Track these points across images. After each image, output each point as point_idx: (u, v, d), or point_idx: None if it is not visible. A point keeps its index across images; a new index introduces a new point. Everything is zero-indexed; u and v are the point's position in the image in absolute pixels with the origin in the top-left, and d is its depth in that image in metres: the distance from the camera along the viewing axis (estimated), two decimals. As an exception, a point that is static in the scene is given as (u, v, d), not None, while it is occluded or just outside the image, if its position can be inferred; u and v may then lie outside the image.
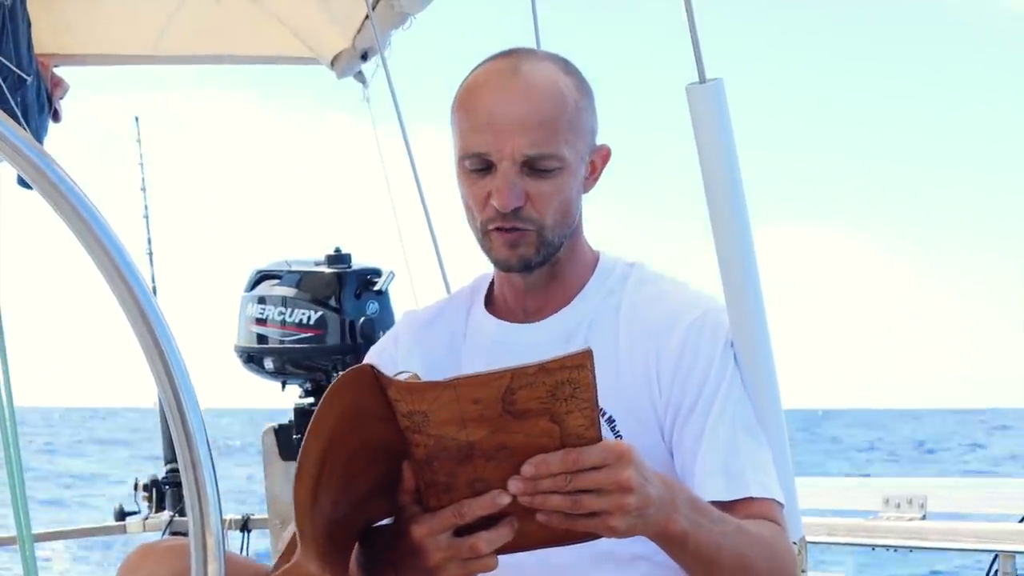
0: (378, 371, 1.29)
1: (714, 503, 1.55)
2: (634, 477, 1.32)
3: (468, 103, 1.66)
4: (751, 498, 1.61)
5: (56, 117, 3.36)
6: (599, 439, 1.31)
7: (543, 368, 1.25)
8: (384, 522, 1.45)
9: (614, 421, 1.66)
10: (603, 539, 1.40)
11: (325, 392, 1.29)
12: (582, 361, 1.26)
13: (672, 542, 1.45)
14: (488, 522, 1.34)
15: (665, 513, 1.39)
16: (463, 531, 1.35)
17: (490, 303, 1.82)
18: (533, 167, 1.63)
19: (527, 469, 1.30)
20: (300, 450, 1.29)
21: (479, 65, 1.71)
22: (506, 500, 1.32)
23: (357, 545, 1.46)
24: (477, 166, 1.64)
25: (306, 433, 1.29)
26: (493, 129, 1.62)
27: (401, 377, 1.30)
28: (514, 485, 1.31)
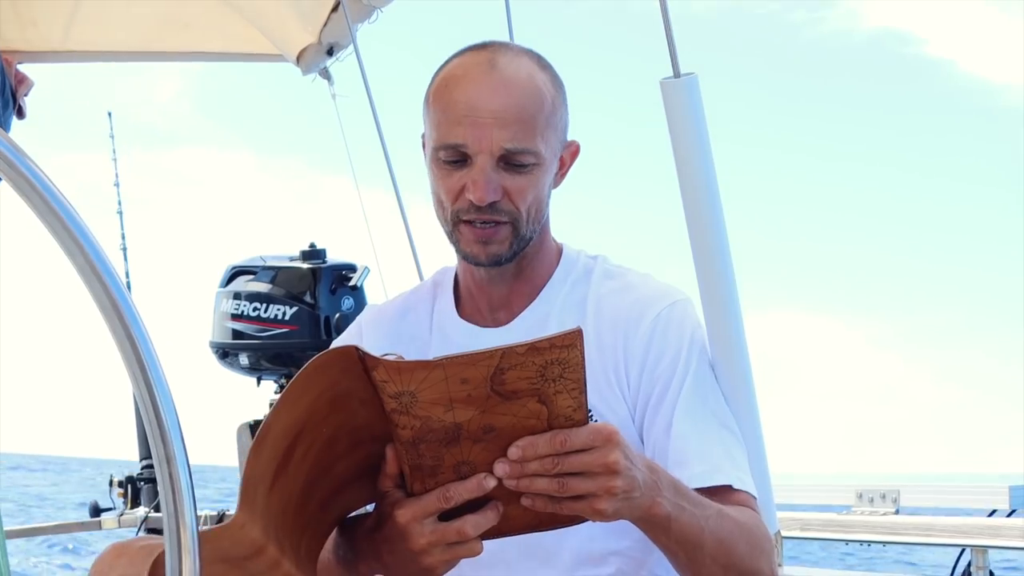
0: (363, 352, 1.27)
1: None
2: (621, 460, 1.32)
3: (445, 95, 1.64)
4: (728, 488, 1.61)
5: (20, 114, 3.33)
6: (586, 422, 1.30)
7: (533, 347, 1.24)
8: (362, 510, 1.43)
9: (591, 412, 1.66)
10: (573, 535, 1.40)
11: (302, 368, 1.26)
12: (572, 340, 1.25)
13: (656, 526, 1.45)
14: (473, 507, 1.33)
15: (650, 496, 1.39)
16: (448, 516, 1.34)
17: (456, 300, 1.80)
18: (510, 161, 1.62)
19: (514, 451, 1.29)
20: (268, 417, 1.26)
21: (452, 57, 1.69)
22: (492, 483, 1.31)
23: (334, 536, 1.44)
24: (452, 158, 1.63)
25: (277, 403, 1.26)
26: (472, 121, 1.60)
27: (388, 359, 1.27)
28: (500, 468, 1.30)
